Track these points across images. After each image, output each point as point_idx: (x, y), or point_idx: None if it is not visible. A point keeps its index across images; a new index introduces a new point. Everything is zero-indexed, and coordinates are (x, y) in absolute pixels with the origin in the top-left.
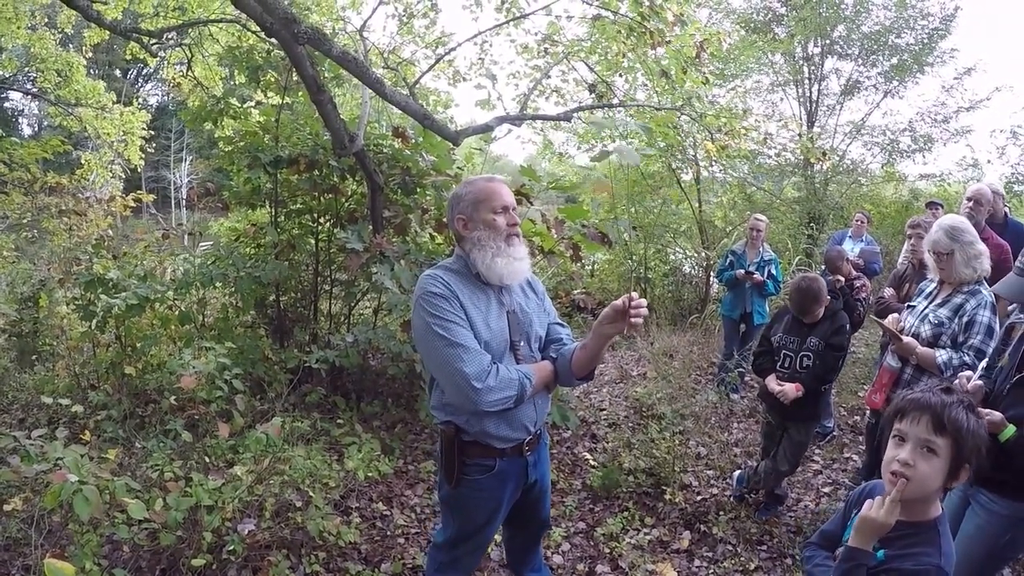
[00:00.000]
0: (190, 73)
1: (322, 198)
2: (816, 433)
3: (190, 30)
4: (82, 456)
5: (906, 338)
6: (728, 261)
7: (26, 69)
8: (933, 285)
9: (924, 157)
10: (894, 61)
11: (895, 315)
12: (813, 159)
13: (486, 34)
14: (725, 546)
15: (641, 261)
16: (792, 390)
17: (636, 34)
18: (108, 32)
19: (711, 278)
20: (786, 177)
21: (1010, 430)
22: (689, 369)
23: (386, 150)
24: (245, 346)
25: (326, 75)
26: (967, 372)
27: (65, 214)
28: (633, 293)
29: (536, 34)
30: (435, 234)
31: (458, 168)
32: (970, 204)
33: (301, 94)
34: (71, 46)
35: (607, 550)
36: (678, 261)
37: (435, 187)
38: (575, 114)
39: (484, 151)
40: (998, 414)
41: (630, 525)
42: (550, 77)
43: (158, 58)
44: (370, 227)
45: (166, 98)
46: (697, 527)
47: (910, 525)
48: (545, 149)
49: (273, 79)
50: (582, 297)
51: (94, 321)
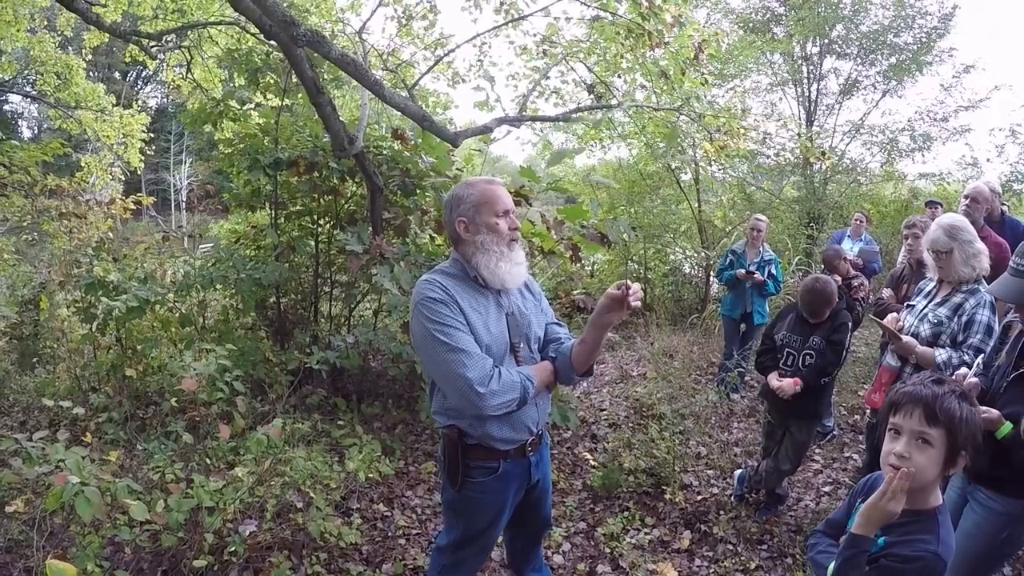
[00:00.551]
0: (190, 75)
1: (322, 200)
2: (816, 432)
3: (189, 32)
4: (83, 458)
5: (905, 337)
6: (728, 261)
7: (26, 72)
8: (932, 284)
9: (923, 156)
10: (893, 60)
11: (894, 314)
12: (812, 158)
13: (485, 35)
14: (726, 546)
15: (641, 261)
16: (790, 385)
17: (635, 35)
18: (107, 35)
19: (711, 278)
20: (785, 177)
21: (1007, 427)
22: (689, 369)
23: (385, 152)
24: (246, 348)
25: (325, 77)
26: (963, 370)
27: (65, 217)
28: (627, 280)
29: (535, 35)
30: (435, 235)
31: (457, 169)
32: (968, 202)
33: (300, 96)
34: (71, 49)
35: (608, 550)
36: (678, 261)
37: (435, 188)
38: (574, 115)
39: (483, 152)
40: (995, 411)
41: (631, 525)
42: (549, 78)
43: (157, 60)
44: (370, 229)
45: (166, 100)
46: (697, 527)
47: (911, 513)
48: (544, 150)
49: (272, 81)
50: (582, 297)
51: (95, 324)
